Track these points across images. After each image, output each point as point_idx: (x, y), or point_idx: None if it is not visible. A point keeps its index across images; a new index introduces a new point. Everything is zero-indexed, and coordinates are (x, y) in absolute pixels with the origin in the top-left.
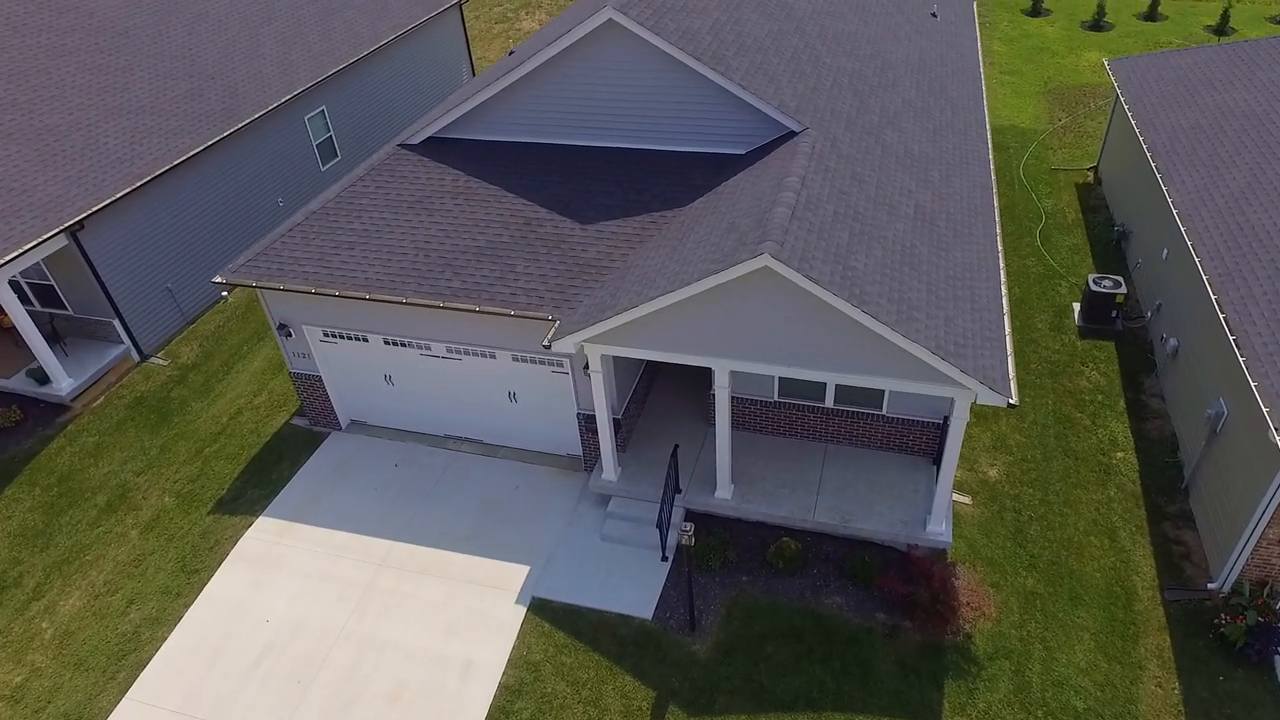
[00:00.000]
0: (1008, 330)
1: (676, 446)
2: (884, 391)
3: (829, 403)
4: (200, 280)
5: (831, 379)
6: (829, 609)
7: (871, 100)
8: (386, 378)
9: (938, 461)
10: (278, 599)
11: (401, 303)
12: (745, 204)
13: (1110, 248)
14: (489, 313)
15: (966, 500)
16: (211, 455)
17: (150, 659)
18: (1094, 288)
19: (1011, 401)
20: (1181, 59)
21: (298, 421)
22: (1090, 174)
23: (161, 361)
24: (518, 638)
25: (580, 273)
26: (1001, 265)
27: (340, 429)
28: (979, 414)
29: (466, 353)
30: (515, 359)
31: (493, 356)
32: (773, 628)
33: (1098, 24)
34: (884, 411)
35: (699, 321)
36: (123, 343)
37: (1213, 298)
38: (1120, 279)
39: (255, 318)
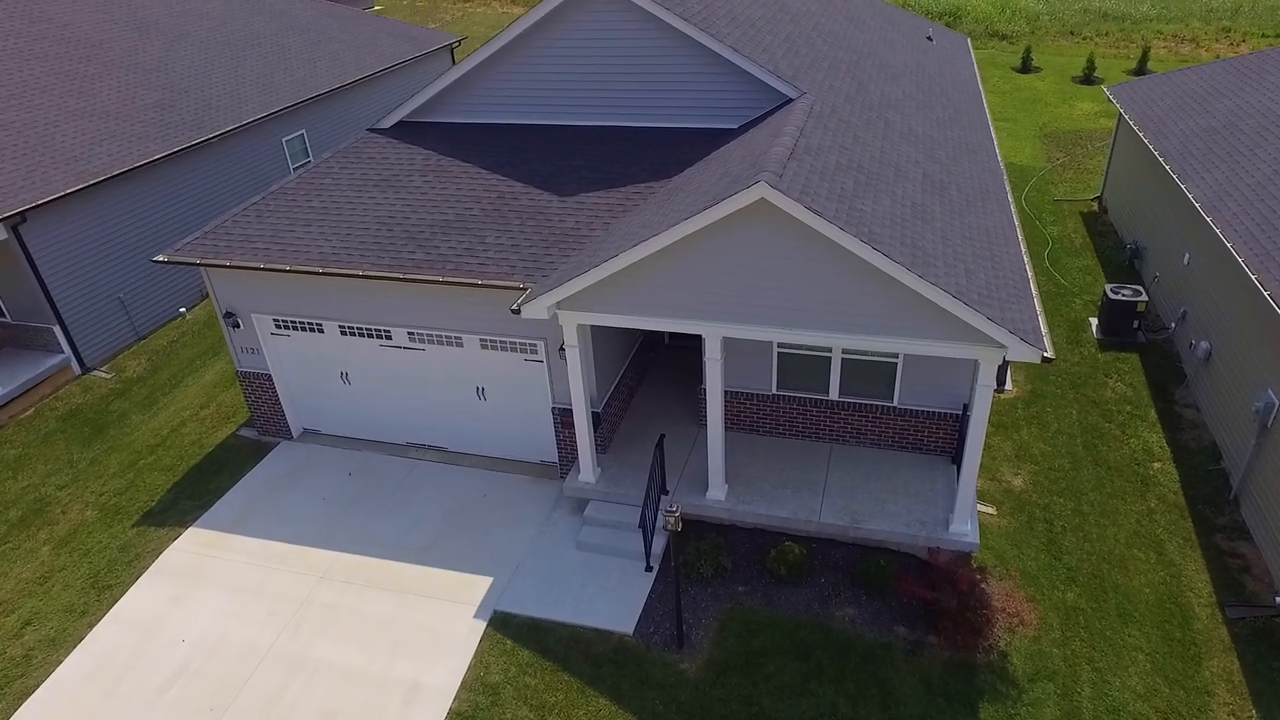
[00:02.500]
0: (1034, 290)
1: (663, 436)
2: (895, 380)
3: (833, 394)
4: (157, 295)
5: (838, 341)
6: (840, 622)
7: (871, 87)
8: (343, 375)
9: (957, 460)
10: (198, 616)
11: (358, 275)
12: (739, 158)
13: (1123, 267)
14: (454, 283)
15: (991, 510)
16: (145, 468)
17: (38, 686)
18: (1113, 296)
19: (1047, 355)
20: (1185, 76)
21: (245, 433)
22: (1095, 204)
23: (104, 375)
24: (474, 657)
25: (557, 242)
26: (1020, 236)
27: (291, 438)
28: (998, 422)
29: (430, 339)
30: (484, 345)
31: (459, 344)
32: (774, 643)
33: (1088, 78)
34: (895, 403)
35: (687, 276)
36: (63, 352)
37: (1253, 278)
38: (1140, 288)
39: (213, 333)
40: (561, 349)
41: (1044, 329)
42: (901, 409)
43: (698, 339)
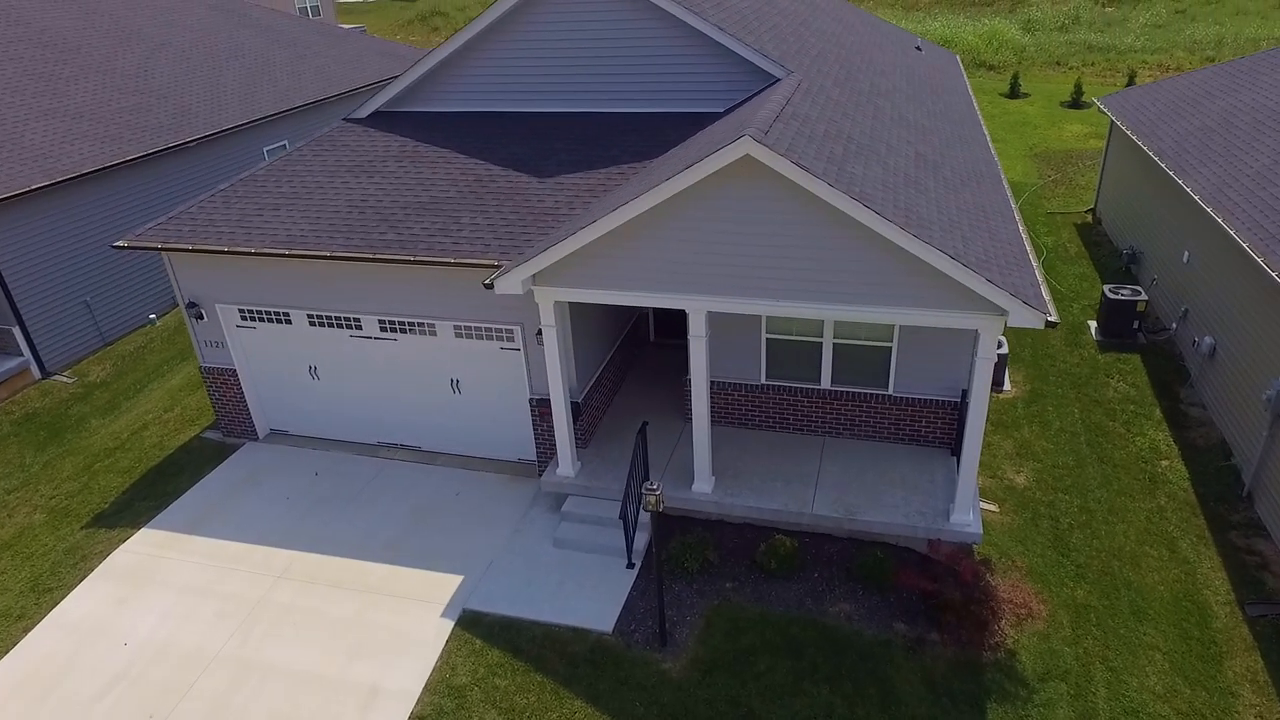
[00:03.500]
0: (1034, 261)
1: (645, 424)
2: (889, 366)
3: (825, 383)
4: (126, 300)
5: (830, 313)
6: (835, 618)
7: (860, 78)
8: (311, 370)
9: (957, 450)
10: (144, 619)
11: (325, 256)
12: (723, 131)
13: (1120, 272)
14: (427, 262)
15: (993, 508)
16: (101, 470)
17: None
18: (1112, 296)
19: (1051, 319)
20: (1175, 83)
21: (210, 435)
22: (1088, 216)
23: (65, 379)
24: (440, 658)
25: (535, 221)
26: (1018, 214)
27: (257, 440)
28: (997, 421)
29: (402, 328)
30: (459, 332)
31: (433, 332)
32: (764, 641)
33: (1076, 102)
34: (890, 391)
35: (669, 245)
36: (22, 355)
37: (1259, 260)
38: (1138, 288)
39: (183, 339)
40: (539, 333)
41: (1046, 295)
42: (897, 397)
43: (683, 336)
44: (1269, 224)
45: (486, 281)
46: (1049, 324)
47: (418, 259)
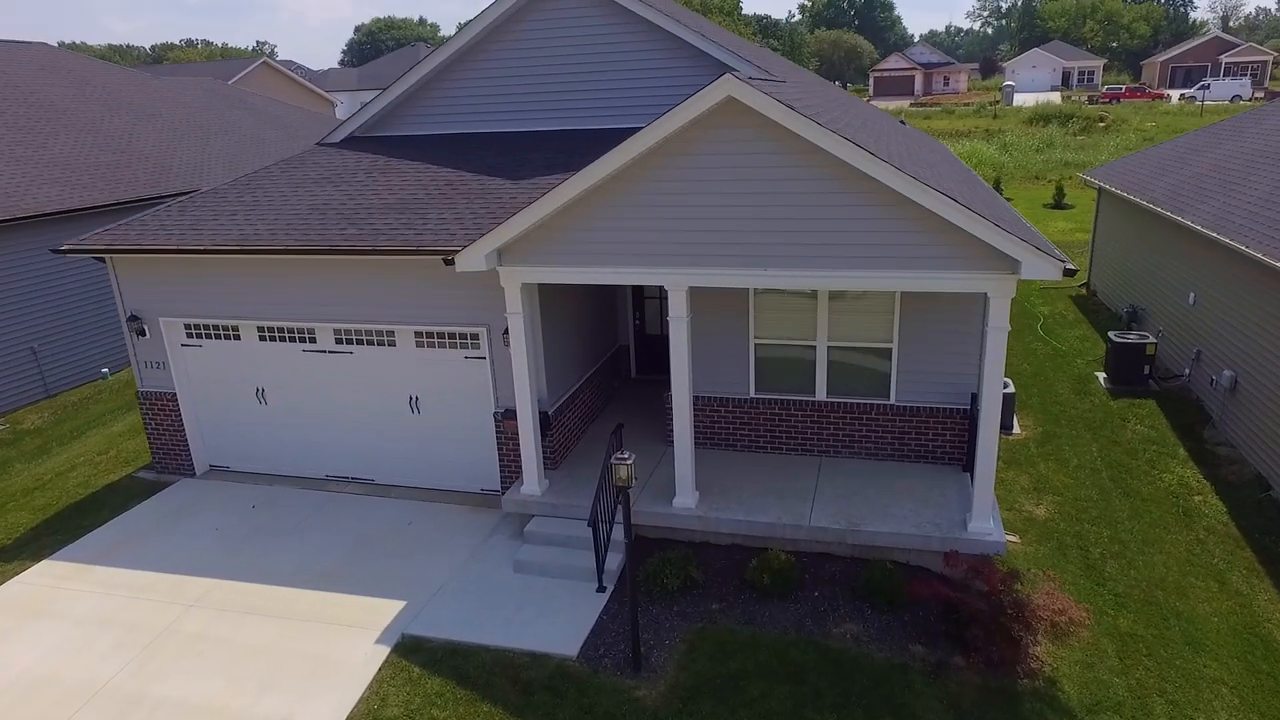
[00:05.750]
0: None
1: (620, 426)
2: (890, 371)
3: (821, 394)
4: (79, 352)
5: (823, 281)
6: (840, 640)
7: (840, 113)
8: (258, 393)
9: (970, 467)
10: (26, 652)
11: (279, 251)
12: None
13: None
14: (386, 251)
15: (1014, 539)
16: (11, 509)
17: None
18: (1119, 341)
19: (1069, 266)
20: (1159, 149)
21: (144, 475)
22: (1082, 289)
23: None
24: (369, 687)
25: (506, 215)
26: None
27: (194, 476)
28: (1010, 459)
29: (359, 339)
30: (420, 341)
31: (392, 342)
32: (758, 664)
33: (1059, 203)
34: (892, 400)
35: (645, 210)
36: None
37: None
38: (1146, 333)
39: (133, 391)
40: (505, 333)
41: (1055, 250)
42: (900, 406)
43: (666, 371)
44: (1277, 236)
45: (449, 258)
46: (1067, 271)
47: (377, 248)
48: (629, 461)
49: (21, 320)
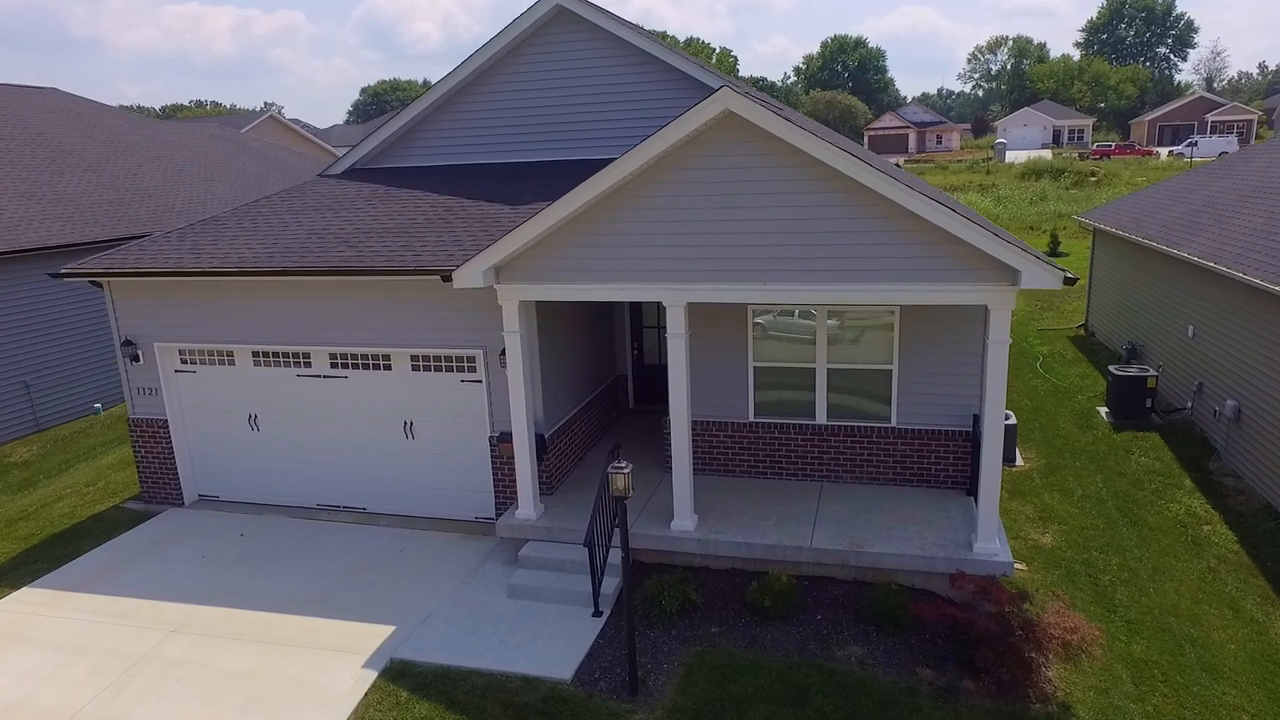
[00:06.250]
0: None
1: (618, 446)
2: (890, 392)
3: (821, 418)
4: (72, 386)
5: (823, 294)
6: (845, 662)
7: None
8: (251, 419)
9: (974, 490)
10: None
11: (278, 272)
12: None
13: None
14: (383, 272)
15: (1021, 566)
16: None
17: None
18: (1119, 374)
19: (1069, 275)
20: (1151, 191)
21: (131, 505)
22: (1080, 330)
23: None
24: (355, 712)
25: (503, 235)
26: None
27: (183, 505)
28: (1014, 489)
29: (355, 363)
30: (415, 365)
31: (388, 365)
32: (760, 687)
33: (1054, 251)
34: (893, 423)
35: (643, 226)
36: None
37: (1276, 290)
38: (1146, 366)
39: (124, 425)
40: (502, 353)
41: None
42: (901, 429)
43: (663, 400)
44: (1276, 262)
45: (446, 274)
46: (1067, 280)
47: (375, 269)
48: (626, 471)
49: (15, 353)
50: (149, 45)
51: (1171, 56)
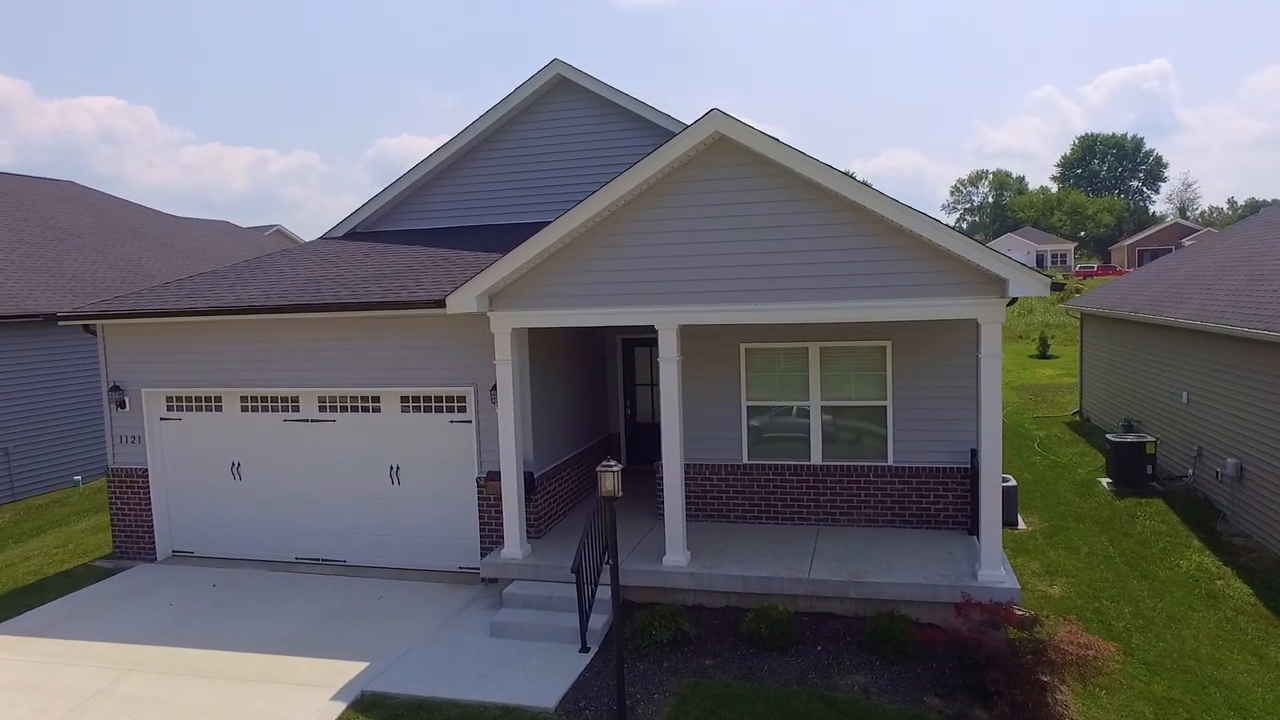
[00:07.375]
0: None
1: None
2: (886, 430)
3: (816, 458)
4: (53, 458)
5: (814, 312)
6: (847, 691)
7: None
8: (234, 468)
9: (974, 530)
10: None
11: (272, 309)
12: None
13: None
14: (377, 306)
15: (1028, 614)
16: None
17: None
18: (1118, 441)
19: (1056, 281)
20: (1135, 274)
21: (101, 563)
22: (1075, 416)
23: None
24: None
25: (497, 260)
26: None
27: (155, 561)
28: (1018, 547)
29: (343, 405)
30: (405, 406)
31: (377, 408)
32: (756, 716)
33: (1044, 354)
34: (890, 461)
35: (638, 250)
36: None
37: (1270, 335)
38: (1145, 433)
39: (104, 496)
40: (493, 389)
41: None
42: (899, 468)
43: (657, 456)
44: (1265, 312)
45: (440, 298)
46: (1054, 287)
47: (368, 303)
48: (615, 470)
49: None
50: (168, 182)
51: (1144, 189)
